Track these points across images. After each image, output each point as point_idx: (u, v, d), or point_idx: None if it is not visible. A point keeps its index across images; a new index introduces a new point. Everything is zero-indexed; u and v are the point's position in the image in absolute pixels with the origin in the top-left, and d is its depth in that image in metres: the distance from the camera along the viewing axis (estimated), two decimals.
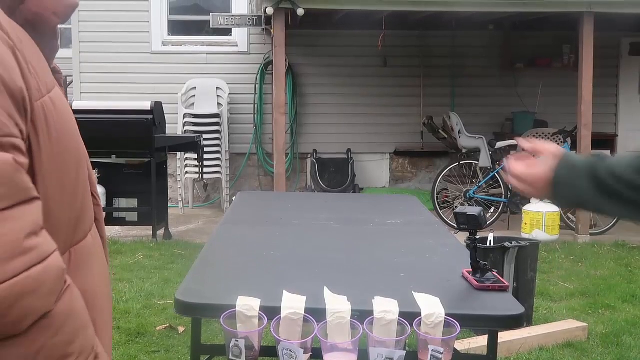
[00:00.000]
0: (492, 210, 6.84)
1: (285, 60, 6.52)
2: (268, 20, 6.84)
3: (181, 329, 3.79)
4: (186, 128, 7.52)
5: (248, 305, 1.58)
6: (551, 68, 7.91)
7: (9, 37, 0.85)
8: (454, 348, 1.64)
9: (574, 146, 6.53)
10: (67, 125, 0.94)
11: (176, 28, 8.06)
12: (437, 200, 6.93)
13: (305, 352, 1.54)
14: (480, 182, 6.92)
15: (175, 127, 7.45)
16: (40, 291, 0.78)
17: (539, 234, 6.11)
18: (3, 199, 0.76)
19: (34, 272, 0.77)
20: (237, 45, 8.03)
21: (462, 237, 1.87)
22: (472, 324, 2.09)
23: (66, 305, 0.83)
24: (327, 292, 1.68)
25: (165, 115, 6.41)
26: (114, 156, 5.86)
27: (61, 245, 0.90)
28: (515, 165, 1.36)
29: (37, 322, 0.79)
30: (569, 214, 6.75)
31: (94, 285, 1.02)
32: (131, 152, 5.97)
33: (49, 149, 0.88)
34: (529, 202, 6.46)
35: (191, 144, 6.46)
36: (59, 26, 1.02)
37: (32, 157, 0.86)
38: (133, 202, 6.20)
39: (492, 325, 1.77)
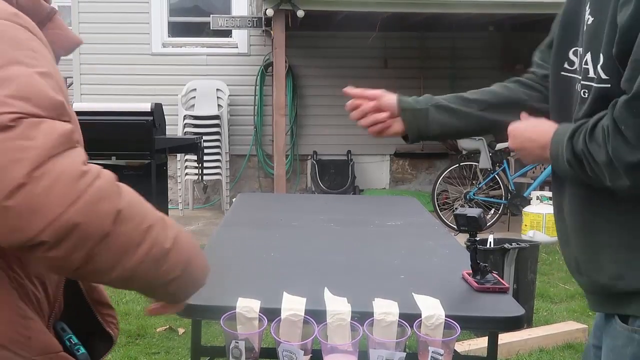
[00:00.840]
0: (492, 211, 6.84)
1: (285, 61, 6.53)
2: (268, 21, 6.84)
3: (181, 331, 3.79)
4: (186, 129, 7.52)
5: (248, 306, 1.58)
6: None
7: (45, 45, 1.05)
8: (454, 349, 1.64)
9: None
10: None
11: (176, 29, 8.06)
12: (437, 201, 6.93)
13: (305, 354, 1.54)
14: (480, 183, 6.93)
15: (175, 128, 7.46)
16: (106, 198, 0.96)
17: (539, 236, 6.11)
18: (61, 145, 0.95)
19: (98, 184, 0.95)
20: (237, 47, 8.03)
21: (462, 238, 1.87)
22: (472, 325, 2.08)
23: (130, 198, 1.01)
24: (327, 293, 1.68)
25: (165, 117, 6.41)
26: (114, 158, 5.86)
27: None
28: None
29: (116, 219, 0.96)
30: None
31: None
32: (131, 154, 5.97)
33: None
34: (529, 204, 6.46)
35: (191, 146, 6.46)
36: None
37: None
38: None
39: (492, 326, 1.76)
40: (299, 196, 6.91)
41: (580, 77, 1.37)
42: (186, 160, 7.53)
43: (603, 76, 1.28)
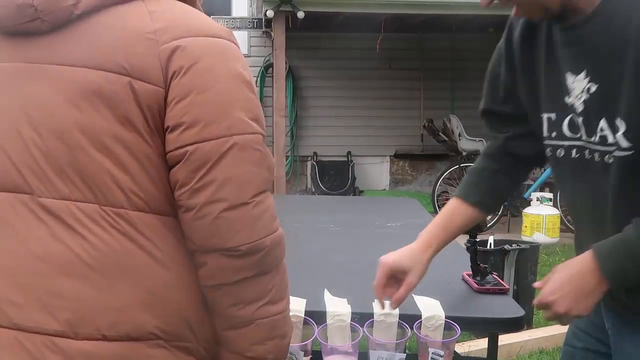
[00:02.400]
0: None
1: (286, 62, 6.53)
2: (268, 23, 6.85)
3: None
4: None
5: None
6: None
7: None
8: (454, 351, 1.64)
9: None
10: None
11: None
12: (437, 203, 6.93)
13: (305, 355, 1.54)
14: None
15: None
16: (282, 244, 1.15)
17: (539, 237, 6.11)
18: (270, 182, 1.13)
19: (281, 231, 1.14)
20: None
21: (462, 239, 1.87)
22: (472, 326, 2.09)
23: (285, 265, 1.19)
24: (327, 294, 1.68)
25: None
26: None
27: None
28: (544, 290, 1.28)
29: (277, 266, 1.14)
30: (569, 217, 6.75)
31: None
32: None
33: None
34: (529, 205, 6.46)
35: None
36: None
37: None
38: None
39: (492, 327, 1.76)
40: (299, 197, 6.91)
41: (588, 144, 1.29)
42: None
43: (624, 145, 1.20)
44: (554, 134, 1.36)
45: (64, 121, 1.05)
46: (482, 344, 3.30)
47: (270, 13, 6.16)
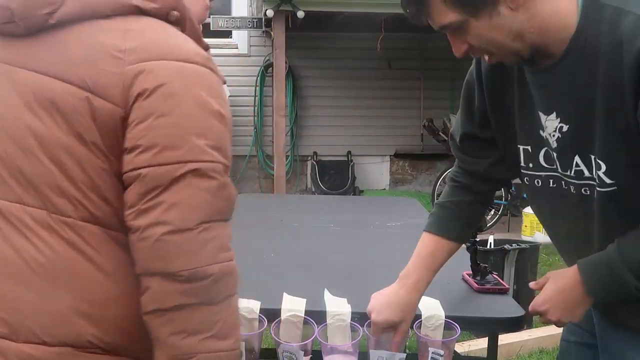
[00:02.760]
0: (492, 212, 6.84)
1: (286, 62, 6.53)
2: (268, 22, 6.84)
3: None
4: None
5: (248, 307, 1.58)
6: None
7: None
8: (454, 350, 1.64)
9: None
10: None
11: None
12: None
13: (305, 355, 1.54)
14: None
15: None
16: (232, 278, 1.10)
17: (539, 237, 6.11)
18: (226, 213, 1.10)
19: (232, 264, 1.10)
20: (237, 48, 8.03)
21: None
22: (472, 326, 2.09)
23: (236, 302, 1.13)
24: (327, 294, 1.68)
25: None
26: None
27: None
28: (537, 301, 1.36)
29: (225, 300, 1.09)
30: None
31: None
32: None
33: None
34: (529, 205, 6.46)
35: None
36: None
37: None
38: None
39: (492, 327, 1.77)
40: (299, 197, 6.92)
41: (564, 177, 1.31)
42: None
43: (607, 181, 1.22)
44: (530, 165, 1.37)
45: (20, 126, 1.06)
46: (482, 343, 3.30)
47: (270, 13, 6.16)
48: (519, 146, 1.38)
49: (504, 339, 3.49)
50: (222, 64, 7.91)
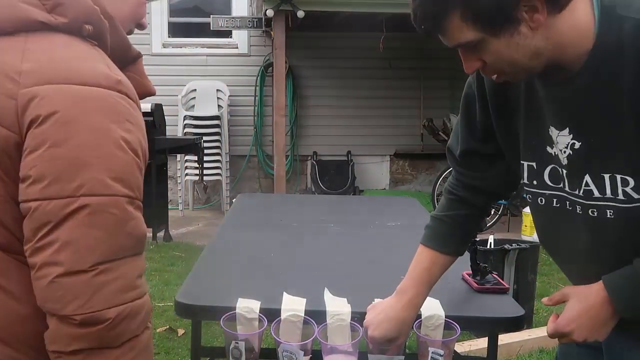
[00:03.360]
0: (492, 212, 6.84)
1: (286, 62, 6.53)
2: (268, 22, 6.84)
3: (181, 331, 3.78)
4: (186, 130, 7.52)
5: (248, 307, 1.58)
6: None
7: (139, 106, 1.11)
8: (454, 350, 1.64)
9: None
10: None
11: (176, 30, 8.06)
12: (437, 202, 6.93)
13: (305, 354, 1.54)
14: None
15: (175, 129, 7.45)
16: (137, 318, 1.04)
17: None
18: (133, 249, 1.04)
19: (137, 303, 1.04)
20: (237, 47, 8.03)
21: None
22: (472, 326, 2.09)
23: (146, 338, 1.08)
24: (327, 294, 1.68)
25: (166, 117, 6.41)
26: None
27: None
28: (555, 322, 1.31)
29: (128, 342, 1.03)
30: None
31: None
32: None
33: None
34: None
35: (191, 146, 6.46)
36: None
37: None
38: None
39: (492, 327, 1.77)
40: (299, 197, 6.91)
41: (570, 196, 1.28)
42: (186, 160, 7.53)
43: (636, 196, 1.18)
44: (535, 182, 1.34)
45: None
46: (482, 343, 3.30)
47: (270, 12, 6.15)
48: (522, 162, 1.35)
49: (504, 339, 3.49)
50: (222, 64, 7.91)
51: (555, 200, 1.32)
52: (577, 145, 1.22)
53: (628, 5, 1.12)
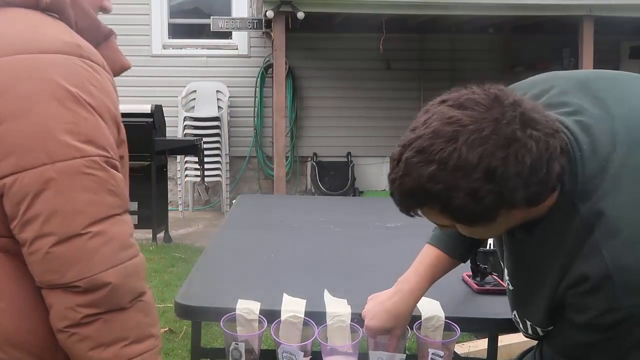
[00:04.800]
0: None
1: (286, 63, 6.53)
2: (268, 23, 6.85)
3: (181, 333, 3.78)
4: (186, 131, 7.52)
5: (248, 308, 1.58)
6: (551, 71, 7.91)
7: (107, 71, 1.10)
8: (454, 351, 1.64)
9: None
10: (126, 153, 1.22)
11: (176, 31, 8.07)
12: None
13: (305, 355, 1.54)
14: None
15: (175, 130, 7.46)
16: (138, 275, 1.05)
17: None
18: (119, 207, 1.04)
19: (135, 260, 1.04)
20: (237, 49, 8.03)
21: None
22: (472, 327, 2.08)
23: (150, 297, 1.09)
24: (327, 295, 1.68)
25: (166, 119, 6.41)
26: None
27: None
28: None
29: (136, 303, 1.04)
30: None
31: None
32: (131, 155, 5.86)
33: (125, 159, 1.18)
34: None
35: (191, 147, 6.46)
36: None
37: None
38: (133, 205, 6.15)
39: (492, 328, 1.77)
40: (299, 198, 6.91)
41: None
42: (186, 161, 7.53)
43: (541, 333, 1.32)
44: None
45: None
46: (482, 344, 3.30)
47: (270, 13, 6.15)
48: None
49: (503, 340, 3.48)
50: (222, 65, 7.92)
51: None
52: (511, 287, 1.36)
53: (585, 195, 1.13)
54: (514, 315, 1.36)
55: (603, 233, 1.09)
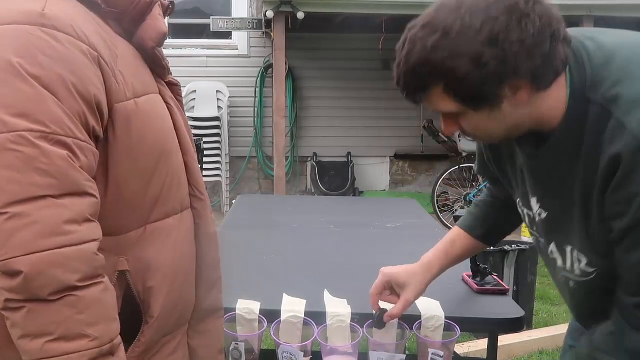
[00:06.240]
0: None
1: (285, 63, 6.53)
2: (268, 23, 6.85)
3: None
4: None
5: (248, 308, 1.58)
6: None
7: (94, 49, 1.03)
8: (454, 351, 1.65)
9: None
10: (154, 125, 1.13)
11: (176, 31, 8.07)
12: (437, 203, 6.93)
13: (305, 356, 1.54)
14: (480, 185, 6.93)
15: None
16: (66, 267, 0.94)
17: None
18: (52, 188, 0.94)
19: (65, 251, 0.94)
20: (237, 49, 8.03)
21: None
22: (472, 327, 2.09)
23: (96, 293, 0.98)
24: (327, 295, 1.68)
25: None
26: None
27: (135, 219, 1.11)
28: None
29: (65, 297, 0.94)
30: None
31: (173, 262, 1.17)
32: None
33: (126, 142, 1.07)
34: None
35: None
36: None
37: (107, 147, 1.05)
38: None
39: (492, 328, 1.77)
40: (299, 198, 6.91)
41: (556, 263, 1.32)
42: None
43: (589, 270, 1.23)
44: (533, 228, 1.38)
45: None
46: (482, 344, 3.30)
47: (270, 14, 6.16)
48: (522, 208, 1.38)
49: (503, 340, 3.49)
50: (221, 65, 7.92)
51: (549, 250, 1.35)
52: (544, 215, 1.28)
53: (596, 87, 1.12)
54: (551, 250, 1.29)
55: (623, 110, 1.07)
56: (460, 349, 3.32)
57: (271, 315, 1.58)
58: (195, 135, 7.19)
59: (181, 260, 1.21)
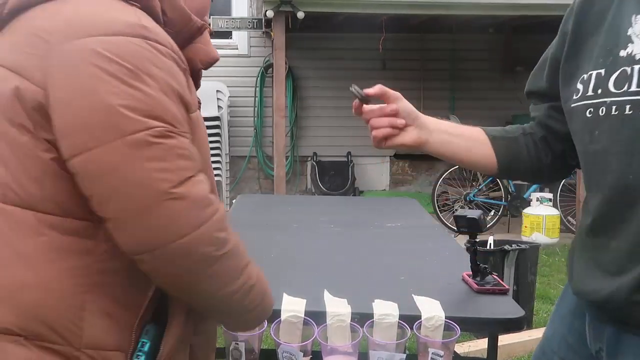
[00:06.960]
0: (492, 213, 6.85)
1: (285, 63, 6.53)
2: (268, 23, 6.85)
3: None
4: None
5: None
6: None
7: (184, 63, 1.15)
8: (454, 351, 1.64)
9: None
10: (204, 139, 1.24)
11: None
12: (437, 203, 6.93)
13: (305, 355, 1.54)
14: (480, 185, 6.93)
15: None
16: (224, 228, 1.09)
17: (539, 237, 6.11)
18: (191, 169, 1.06)
19: (217, 215, 1.07)
20: (237, 48, 8.03)
21: (462, 240, 1.87)
22: (472, 327, 2.09)
23: (235, 239, 1.14)
24: (327, 295, 1.68)
25: None
26: None
27: None
28: None
29: (226, 251, 1.09)
30: (569, 217, 6.75)
31: None
32: None
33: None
34: (529, 205, 6.46)
35: None
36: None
37: None
38: None
39: (492, 328, 1.77)
40: (299, 197, 6.91)
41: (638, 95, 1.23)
42: None
43: None
44: (599, 91, 1.30)
45: None
46: (482, 344, 3.30)
47: (270, 13, 6.16)
48: (591, 72, 1.33)
49: (503, 339, 3.49)
50: (221, 65, 7.90)
51: (614, 107, 1.27)
52: None
53: None
54: None
55: None
56: (460, 348, 3.32)
57: (271, 314, 1.58)
58: None
59: None
